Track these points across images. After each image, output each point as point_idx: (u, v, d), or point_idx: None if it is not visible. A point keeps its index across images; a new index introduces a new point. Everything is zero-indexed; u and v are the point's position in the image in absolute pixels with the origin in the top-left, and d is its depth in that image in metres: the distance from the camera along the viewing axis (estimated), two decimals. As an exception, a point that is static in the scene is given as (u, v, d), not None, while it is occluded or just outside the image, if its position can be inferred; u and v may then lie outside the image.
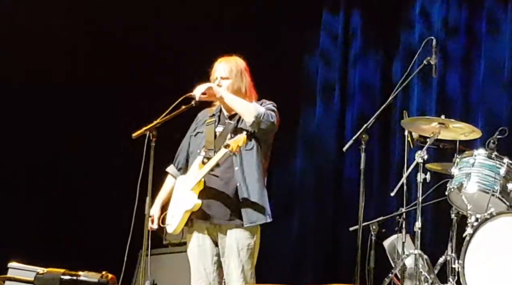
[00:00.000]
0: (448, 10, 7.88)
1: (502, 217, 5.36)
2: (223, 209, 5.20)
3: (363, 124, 5.61)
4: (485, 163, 5.65)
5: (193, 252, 5.33)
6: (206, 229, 5.28)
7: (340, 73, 8.49)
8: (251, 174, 5.22)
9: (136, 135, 5.10)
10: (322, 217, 8.32)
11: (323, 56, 8.59)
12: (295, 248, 8.31)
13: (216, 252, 5.29)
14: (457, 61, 7.84)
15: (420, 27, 7.96)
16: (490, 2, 7.63)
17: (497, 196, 5.54)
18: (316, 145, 8.57)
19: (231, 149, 5.06)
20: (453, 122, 5.85)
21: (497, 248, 5.27)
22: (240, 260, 5.18)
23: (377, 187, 7.95)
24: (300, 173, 8.59)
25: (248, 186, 5.20)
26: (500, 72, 7.57)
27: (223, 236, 5.23)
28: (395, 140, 7.87)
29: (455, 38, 7.87)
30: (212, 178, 5.22)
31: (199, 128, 5.47)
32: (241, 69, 5.41)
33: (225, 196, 5.21)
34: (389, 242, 6.42)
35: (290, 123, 8.27)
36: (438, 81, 7.72)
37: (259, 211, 5.19)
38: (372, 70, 8.33)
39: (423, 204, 5.83)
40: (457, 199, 5.74)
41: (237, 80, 5.38)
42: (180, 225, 5.25)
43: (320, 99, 8.57)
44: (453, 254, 5.75)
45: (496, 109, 7.50)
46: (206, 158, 5.24)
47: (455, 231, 5.87)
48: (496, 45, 7.59)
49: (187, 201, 5.21)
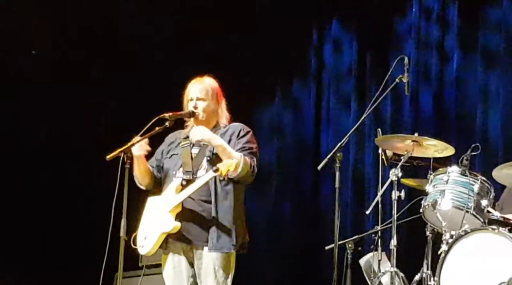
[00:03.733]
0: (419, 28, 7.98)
1: (477, 234, 5.38)
2: (200, 231, 5.19)
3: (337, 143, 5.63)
4: (458, 180, 5.67)
5: (168, 274, 5.31)
6: (182, 250, 5.26)
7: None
8: (224, 200, 5.21)
9: (110, 157, 5.07)
10: (299, 236, 8.33)
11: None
12: (272, 268, 8.30)
13: (192, 273, 5.27)
14: (430, 78, 7.90)
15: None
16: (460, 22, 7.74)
17: (471, 212, 5.55)
18: (291, 164, 8.61)
19: (220, 173, 5.06)
20: (427, 139, 5.87)
21: (472, 264, 5.28)
22: (216, 281, 5.17)
23: (352, 205, 7.98)
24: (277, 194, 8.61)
25: (220, 211, 5.19)
26: (473, 90, 7.64)
27: (199, 257, 5.21)
28: (369, 159, 7.91)
29: (428, 55, 7.94)
30: (189, 200, 5.21)
31: (173, 150, 5.45)
32: (216, 90, 5.43)
33: (202, 218, 5.19)
34: (365, 260, 6.41)
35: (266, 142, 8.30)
36: (411, 99, 7.79)
37: (226, 238, 5.18)
38: (348, 89, 8.40)
39: (398, 222, 5.84)
40: (431, 216, 5.75)
41: (213, 101, 5.39)
42: (155, 247, 5.22)
43: (295, 117, 8.64)
44: (429, 271, 5.75)
45: (470, 126, 7.56)
46: (185, 180, 5.23)
47: (431, 248, 5.87)
48: (467, 63, 7.67)
49: (165, 223, 5.18)
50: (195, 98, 5.37)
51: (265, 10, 8.47)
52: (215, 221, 5.18)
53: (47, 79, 8.01)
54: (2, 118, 7.95)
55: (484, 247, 5.29)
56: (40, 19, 7.87)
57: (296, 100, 8.78)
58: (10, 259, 7.69)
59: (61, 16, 7.93)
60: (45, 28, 7.86)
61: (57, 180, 8.15)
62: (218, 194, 5.22)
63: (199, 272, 5.22)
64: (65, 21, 8.03)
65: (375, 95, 5.74)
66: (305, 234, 8.33)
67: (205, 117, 5.37)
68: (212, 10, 8.25)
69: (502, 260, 5.17)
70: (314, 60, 8.69)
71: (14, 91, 8.02)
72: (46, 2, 7.87)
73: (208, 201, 5.21)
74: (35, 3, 7.80)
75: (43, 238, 8.08)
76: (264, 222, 8.32)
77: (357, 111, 8.12)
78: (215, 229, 5.17)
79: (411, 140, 5.87)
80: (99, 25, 8.10)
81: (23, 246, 7.95)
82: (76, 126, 8.04)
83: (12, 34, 7.74)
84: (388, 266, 5.86)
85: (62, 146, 8.08)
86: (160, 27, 8.23)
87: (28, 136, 8.16)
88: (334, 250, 5.44)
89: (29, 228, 8.02)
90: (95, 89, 8.17)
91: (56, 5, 7.88)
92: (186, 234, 5.20)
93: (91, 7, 7.94)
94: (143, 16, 8.17)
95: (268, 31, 8.51)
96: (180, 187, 5.23)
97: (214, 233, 5.17)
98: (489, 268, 5.21)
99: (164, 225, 5.18)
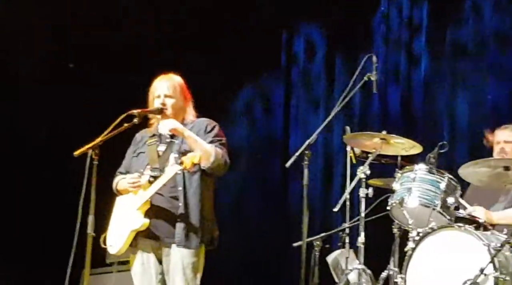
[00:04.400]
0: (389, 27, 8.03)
1: (443, 231, 5.41)
2: (169, 228, 5.18)
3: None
4: (425, 177, 5.71)
5: (137, 270, 5.29)
6: (151, 247, 5.24)
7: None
8: (193, 196, 5.20)
9: (78, 153, 5.04)
10: (267, 233, 8.35)
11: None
12: (240, 265, 8.31)
13: (161, 270, 5.25)
14: (399, 77, 7.95)
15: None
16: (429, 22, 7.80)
17: (437, 210, 5.59)
18: (259, 161, 8.62)
19: (184, 166, 5.04)
20: (395, 137, 5.91)
21: (439, 262, 5.32)
22: (185, 278, 5.16)
23: (320, 202, 8.01)
24: (244, 191, 8.62)
25: (188, 207, 5.18)
26: (441, 89, 7.70)
27: (168, 254, 5.20)
28: (337, 156, 7.94)
29: (397, 54, 7.99)
30: (158, 197, 5.19)
31: (140, 148, 5.43)
32: (183, 87, 5.42)
33: (170, 215, 5.18)
34: (332, 257, 6.44)
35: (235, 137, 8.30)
36: (380, 97, 7.83)
37: (193, 234, 5.17)
38: (317, 87, 8.43)
39: (366, 219, 5.88)
40: (398, 213, 5.79)
41: (180, 98, 5.39)
42: (125, 246, 5.20)
43: (265, 115, 8.65)
44: (396, 268, 5.79)
45: (437, 124, 7.62)
46: (152, 176, 5.22)
47: (398, 246, 5.91)
48: (435, 62, 7.74)
49: (134, 220, 5.17)
50: (163, 95, 5.36)
51: (236, 5, 8.49)
52: (184, 217, 5.17)
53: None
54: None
55: (450, 245, 5.32)
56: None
57: (266, 97, 8.80)
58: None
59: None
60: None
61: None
62: (187, 190, 5.20)
63: (167, 268, 5.21)
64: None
65: (344, 93, 5.76)
66: (273, 231, 8.34)
67: (173, 114, 5.35)
68: (186, 7, 8.26)
69: (468, 257, 5.20)
70: (284, 57, 8.71)
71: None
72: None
73: (177, 198, 5.20)
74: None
75: (10, 234, 8.02)
76: (232, 219, 8.31)
77: (326, 109, 8.14)
78: (184, 225, 5.16)
79: (379, 138, 5.90)
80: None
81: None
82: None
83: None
84: (356, 263, 5.89)
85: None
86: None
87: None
88: (302, 247, 5.46)
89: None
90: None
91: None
92: (154, 231, 5.19)
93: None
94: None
95: (239, 26, 8.51)
96: (148, 184, 5.21)
97: (182, 229, 5.16)
98: (455, 266, 5.23)
99: (133, 223, 5.17)
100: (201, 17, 8.31)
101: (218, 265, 7.80)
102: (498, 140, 6.17)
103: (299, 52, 8.67)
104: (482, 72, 7.53)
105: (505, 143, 6.13)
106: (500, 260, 5.13)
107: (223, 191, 8.19)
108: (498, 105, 7.40)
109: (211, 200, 5.34)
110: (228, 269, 8.17)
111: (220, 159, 5.18)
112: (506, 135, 6.14)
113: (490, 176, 5.55)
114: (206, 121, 5.39)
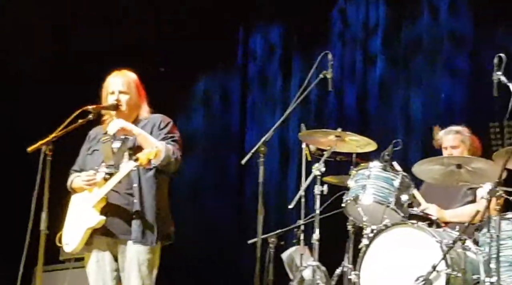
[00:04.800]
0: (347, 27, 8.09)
1: (397, 228, 5.45)
2: (124, 225, 5.16)
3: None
4: (380, 175, 5.74)
5: (92, 268, 5.26)
6: (107, 244, 5.22)
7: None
8: (148, 192, 5.18)
9: (31, 149, 5.00)
10: (222, 230, 8.34)
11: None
12: (195, 261, 8.29)
13: (116, 267, 5.23)
14: (354, 75, 8.01)
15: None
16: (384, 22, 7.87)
17: (391, 207, 5.63)
18: (216, 158, 8.61)
19: (140, 163, 5.01)
20: (349, 134, 5.94)
21: (392, 258, 5.35)
22: (140, 275, 5.14)
23: (275, 199, 8.03)
24: (200, 186, 8.61)
25: (144, 204, 5.16)
26: (396, 86, 7.76)
27: (123, 250, 5.18)
28: (293, 153, 7.97)
29: (353, 53, 8.04)
30: (113, 194, 5.17)
31: (94, 146, 5.39)
32: (137, 83, 5.39)
33: (126, 212, 5.16)
34: (287, 254, 6.45)
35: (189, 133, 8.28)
36: (336, 95, 7.87)
37: (149, 231, 5.15)
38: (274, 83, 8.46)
39: (320, 216, 5.89)
40: (353, 210, 5.82)
41: (135, 94, 5.36)
42: (81, 244, 5.17)
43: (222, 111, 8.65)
44: (350, 265, 5.82)
45: (391, 121, 7.69)
46: (107, 174, 5.18)
47: (352, 243, 5.95)
48: (390, 61, 7.80)
49: (90, 218, 5.13)
50: (117, 91, 5.33)
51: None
52: (139, 214, 5.14)
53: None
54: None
55: (403, 241, 5.36)
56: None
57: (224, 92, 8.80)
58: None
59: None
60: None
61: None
62: (142, 187, 5.18)
63: (123, 265, 5.19)
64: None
65: (300, 90, 5.77)
66: (228, 228, 8.34)
67: (127, 110, 5.32)
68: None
69: (421, 254, 5.25)
70: (241, 53, 8.72)
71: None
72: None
73: (133, 194, 5.17)
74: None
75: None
76: (188, 215, 8.29)
77: (282, 106, 8.16)
78: (139, 222, 5.14)
79: (334, 136, 5.92)
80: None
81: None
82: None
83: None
84: (310, 260, 5.91)
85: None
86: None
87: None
88: (257, 244, 5.46)
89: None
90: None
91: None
92: (110, 228, 5.16)
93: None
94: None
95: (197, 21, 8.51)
96: (103, 182, 5.18)
97: (138, 226, 5.14)
98: (409, 262, 5.27)
99: (89, 221, 5.14)
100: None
101: (173, 261, 7.80)
102: (445, 145, 6.24)
103: (256, 49, 8.68)
104: (436, 72, 7.61)
105: (452, 148, 6.20)
106: (452, 257, 5.18)
107: (180, 186, 8.19)
108: (451, 103, 7.50)
109: (166, 196, 5.33)
110: (183, 265, 8.15)
111: (170, 156, 5.16)
112: (451, 140, 6.21)
113: (443, 174, 5.60)
114: (160, 117, 5.37)
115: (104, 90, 5.37)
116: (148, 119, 5.36)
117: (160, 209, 5.22)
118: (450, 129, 6.25)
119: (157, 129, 5.28)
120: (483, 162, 5.49)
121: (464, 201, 6.06)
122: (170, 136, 5.28)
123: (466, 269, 5.18)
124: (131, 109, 5.33)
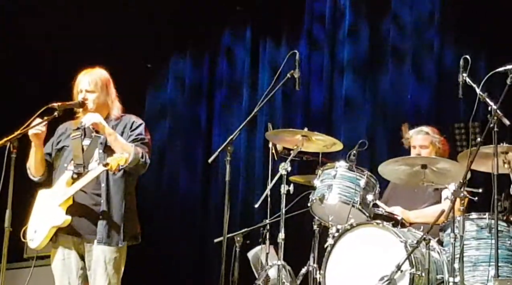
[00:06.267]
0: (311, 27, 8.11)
1: (362, 228, 5.48)
2: (90, 225, 5.15)
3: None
4: (346, 175, 5.77)
5: (57, 266, 5.25)
6: (73, 243, 5.21)
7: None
8: (116, 193, 5.18)
9: (-5, 146, 4.96)
10: (188, 228, 8.33)
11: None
12: (161, 260, 8.27)
13: (82, 266, 5.22)
14: (321, 75, 8.03)
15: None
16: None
17: (357, 207, 5.65)
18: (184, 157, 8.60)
19: (110, 168, 5.01)
20: (316, 134, 5.95)
21: (357, 258, 5.38)
22: (107, 273, 5.14)
23: (241, 198, 8.03)
24: (166, 185, 8.59)
25: (111, 204, 5.16)
26: (362, 88, 7.80)
27: (89, 250, 5.17)
28: (259, 152, 7.98)
29: (320, 52, 8.07)
30: (80, 194, 5.16)
31: (63, 141, 5.37)
32: (106, 82, 5.37)
33: (92, 212, 5.16)
34: (253, 253, 6.46)
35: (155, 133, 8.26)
36: (303, 94, 7.89)
37: (115, 232, 5.16)
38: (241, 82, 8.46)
39: (286, 216, 5.88)
40: (319, 210, 5.84)
41: (102, 93, 5.34)
42: (45, 241, 5.16)
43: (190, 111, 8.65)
44: (315, 264, 5.84)
45: (358, 122, 7.72)
46: (76, 173, 5.16)
47: (317, 242, 5.96)
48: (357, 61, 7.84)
49: (55, 217, 5.12)
50: (84, 90, 5.31)
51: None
52: (106, 214, 5.15)
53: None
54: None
55: (368, 241, 5.40)
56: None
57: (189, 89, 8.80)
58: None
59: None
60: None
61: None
62: (109, 187, 5.18)
63: (89, 264, 5.19)
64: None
65: (267, 90, 5.78)
66: (194, 227, 8.33)
67: (94, 108, 5.30)
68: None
69: (386, 254, 5.28)
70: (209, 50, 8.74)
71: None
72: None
73: (100, 194, 5.17)
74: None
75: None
76: (154, 214, 8.27)
77: (249, 105, 8.17)
78: (106, 223, 5.14)
79: (300, 135, 5.94)
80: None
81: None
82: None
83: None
84: (276, 259, 5.92)
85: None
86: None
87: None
88: (223, 242, 5.46)
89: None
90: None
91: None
92: (76, 228, 5.15)
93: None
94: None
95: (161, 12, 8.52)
96: (71, 180, 5.17)
97: (104, 227, 5.14)
98: (373, 262, 5.31)
99: (55, 219, 5.12)
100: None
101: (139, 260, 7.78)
102: (414, 144, 6.28)
103: (225, 46, 8.67)
104: (403, 73, 7.66)
105: (421, 148, 6.24)
106: (416, 257, 5.23)
107: (147, 186, 8.16)
108: (417, 105, 7.55)
109: (133, 196, 5.33)
110: (149, 264, 8.12)
111: (138, 159, 5.16)
112: (421, 140, 6.25)
113: (408, 174, 5.64)
114: (132, 118, 5.37)
115: (75, 87, 5.36)
116: (120, 119, 5.35)
117: (127, 210, 5.22)
118: (420, 129, 6.29)
119: (128, 130, 5.28)
120: (448, 163, 5.54)
121: (429, 202, 6.10)
122: (141, 138, 5.28)
123: (430, 269, 5.22)
124: (99, 108, 5.32)
